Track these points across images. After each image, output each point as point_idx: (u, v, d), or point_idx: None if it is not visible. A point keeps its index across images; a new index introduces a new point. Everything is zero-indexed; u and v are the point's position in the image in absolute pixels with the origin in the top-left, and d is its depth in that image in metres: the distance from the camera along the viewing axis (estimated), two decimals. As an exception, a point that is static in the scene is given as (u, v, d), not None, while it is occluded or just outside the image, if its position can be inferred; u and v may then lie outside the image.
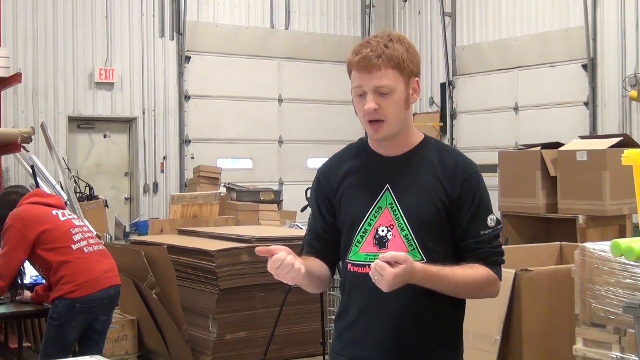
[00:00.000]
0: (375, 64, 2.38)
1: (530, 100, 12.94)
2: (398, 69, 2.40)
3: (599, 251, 4.03)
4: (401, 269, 2.20)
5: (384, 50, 2.39)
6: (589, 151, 7.88)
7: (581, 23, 12.08)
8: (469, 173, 2.46)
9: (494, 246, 2.46)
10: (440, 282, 2.33)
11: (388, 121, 2.42)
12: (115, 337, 6.68)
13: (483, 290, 2.44)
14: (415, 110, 15.06)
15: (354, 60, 2.41)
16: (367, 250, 2.47)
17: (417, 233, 2.43)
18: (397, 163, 2.49)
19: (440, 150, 2.51)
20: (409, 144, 2.51)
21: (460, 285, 2.37)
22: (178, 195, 8.50)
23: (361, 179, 2.52)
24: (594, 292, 4.04)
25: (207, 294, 6.42)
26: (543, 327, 4.35)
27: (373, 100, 2.40)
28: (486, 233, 2.45)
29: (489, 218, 2.46)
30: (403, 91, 2.43)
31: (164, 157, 13.38)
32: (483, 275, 2.41)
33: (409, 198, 2.44)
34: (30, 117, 12.09)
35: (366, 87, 2.40)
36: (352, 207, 2.51)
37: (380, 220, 2.46)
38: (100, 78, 12.69)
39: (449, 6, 14.40)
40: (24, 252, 4.81)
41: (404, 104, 2.45)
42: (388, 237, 2.45)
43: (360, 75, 2.40)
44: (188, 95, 13.56)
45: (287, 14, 14.68)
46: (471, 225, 2.44)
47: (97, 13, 12.76)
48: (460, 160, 2.47)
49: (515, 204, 8.61)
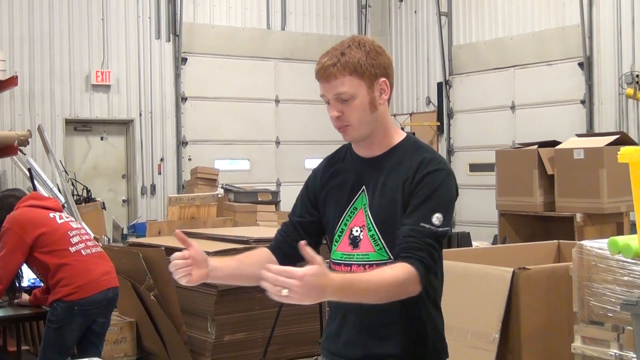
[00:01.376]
0: (332, 73, 2.44)
1: (527, 98, 12.95)
2: (356, 74, 2.43)
3: (597, 249, 4.04)
4: (312, 268, 2.10)
5: (339, 58, 2.43)
6: (586, 149, 7.90)
7: (577, 21, 12.09)
8: (432, 169, 2.44)
9: (428, 243, 2.36)
10: (359, 285, 2.25)
11: (352, 126, 2.47)
12: (114, 340, 6.68)
13: (404, 289, 2.33)
14: (412, 110, 15.08)
15: (316, 69, 2.49)
16: (343, 249, 2.55)
17: (383, 233, 2.47)
18: (374, 164, 2.54)
19: (416, 150, 2.51)
20: (387, 145, 2.54)
21: (382, 287, 2.28)
22: (176, 197, 8.50)
23: (343, 181, 2.59)
24: (592, 290, 4.04)
25: (205, 296, 6.42)
26: (541, 325, 4.36)
27: (335, 108, 2.47)
28: (425, 227, 2.37)
29: (436, 216, 2.39)
30: (365, 95, 2.45)
31: (162, 159, 13.37)
32: (403, 273, 2.31)
33: (378, 199, 2.49)
34: (27, 120, 12.07)
35: (327, 95, 2.48)
36: (332, 207, 2.59)
37: (354, 220, 2.53)
38: (97, 80, 12.68)
39: (445, 6, 14.41)
40: (21, 255, 4.81)
41: (369, 106, 2.46)
42: (360, 237, 2.51)
43: (321, 84, 2.48)
44: (185, 97, 13.56)
45: (283, 15, 14.68)
46: (414, 214, 2.40)
47: (93, 15, 12.74)
48: (429, 157, 2.47)
49: (512, 203, 8.63)
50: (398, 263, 2.34)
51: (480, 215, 13.03)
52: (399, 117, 15.08)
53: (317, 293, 2.12)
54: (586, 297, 4.06)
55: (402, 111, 15.22)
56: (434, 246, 2.38)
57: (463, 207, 14.07)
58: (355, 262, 2.52)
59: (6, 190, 5.52)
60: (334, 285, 2.17)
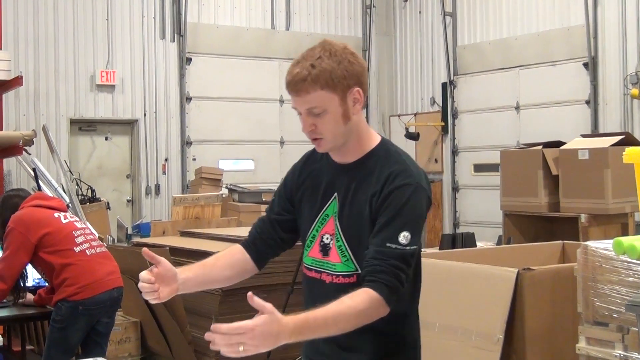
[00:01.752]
0: (302, 88, 2.33)
1: (531, 99, 12.93)
2: (328, 88, 2.34)
3: (602, 250, 4.03)
4: (261, 318, 2.13)
5: (310, 71, 2.32)
6: (590, 150, 7.89)
7: (582, 22, 12.07)
8: (399, 184, 2.36)
9: (393, 265, 2.30)
10: (315, 323, 2.21)
11: (326, 138, 2.41)
12: (118, 339, 6.69)
13: (368, 316, 2.27)
14: (416, 110, 15.08)
15: (286, 80, 2.38)
16: (314, 255, 2.54)
17: (350, 245, 2.44)
18: (347, 172, 2.49)
19: (386, 159, 2.45)
20: (360, 152, 2.48)
21: (341, 319, 2.23)
22: (180, 197, 8.50)
23: (317, 184, 2.55)
24: (596, 291, 4.04)
25: (209, 296, 6.42)
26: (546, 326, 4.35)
27: (307, 122, 2.39)
28: (391, 247, 2.31)
29: (403, 234, 2.31)
30: (338, 107, 2.37)
31: (166, 159, 13.38)
32: (364, 302, 2.25)
33: (347, 210, 2.45)
34: (31, 120, 12.08)
35: (299, 109, 2.39)
36: (306, 211, 2.57)
37: (325, 228, 2.50)
38: (102, 80, 12.69)
39: (449, 6, 14.39)
40: (26, 255, 4.82)
41: (342, 119, 2.39)
42: (330, 246, 2.48)
43: (291, 97, 2.38)
44: (189, 97, 13.56)
45: (288, 15, 14.68)
46: (380, 233, 2.34)
47: (98, 16, 12.76)
48: (397, 171, 2.39)
49: (517, 203, 8.62)
50: (360, 290, 2.28)
51: (485, 215, 13.02)
52: (403, 117, 15.09)
53: (271, 341, 2.13)
54: (591, 297, 4.06)
55: (407, 111, 15.22)
56: (399, 267, 2.31)
57: (467, 207, 14.07)
58: (324, 270, 2.51)
59: (11, 190, 5.54)
60: (288, 329, 2.16)
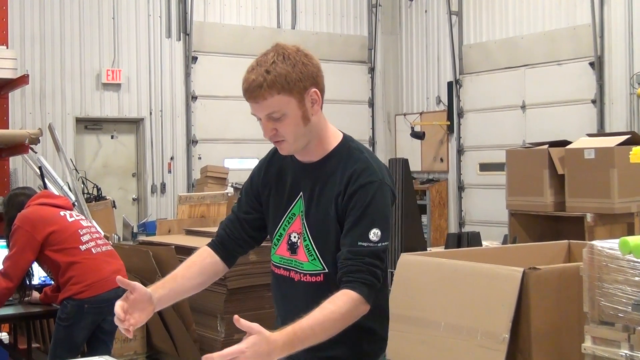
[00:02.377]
0: (259, 94, 2.37)
1: (537, 98, 12.91)
2: (285, 92, 2.37)
3: (608, 249, 4.02)
4: (250, 339, 2.18)
5: (265, 77, 2.37)
6: (596, 149, 7.87)
7: (588, 21, 12.05)
8: (363, 182, 2.41)
9: (368, 263, 2.35)
10: (303, 333, 2.23)
11: (287, 141, 2.44)
12: (123, 338, 6.69)
13: (353, 318, 2.33)
14: (422, 109, 15.06)
15: (243, 87, 2.42)
16: (281, 253, 2.58)
17: (317, 244, 2.47)
18: (311, 171, 2.52)
19: (349, 157, 2.49)
20: (322, 152, 2.52)
21: (327, 326, 2.27)
22: (186, 195, 8.52)
23: (283, 183, 2.59)
24: (602, 290, 4.03)
25: (215, 294, 6.43)
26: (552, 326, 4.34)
27: (267, 127, 2.42)
28: (364, 245, 2.35)
29: (373, 232, 2.36)
30: (297, 109, 2.40)
31: (172, 158, 13.39)
32: (346, 304, 2.30)
33: (313, 210, 2.49)
34: (37, 118, 12.10)
35: (258, 115, 2.42)
36: (272, 210, 2.61)
37: (293, 226, 2.54)
38: (107, 79, 12.71)
39: (455, 5, 14.38)
40: (32, 253, 4.82)
41: (302, 121, 2.43)
42: (297, 244, 2.52)
43: (250, 104, 2.42)
44: (195, 96, 13.57)
45: (294, 14, 14.68)
46: (351, 233, 2.38)
47: (104, 14, 12.77)
48: (359, 169, 2.43)
49: (523, 203, 8.61)
50: (339, 292, 2.32)
51: (490, 214, 13.01)
52: (409, 116, 15.07)
53: (263, 357, 2.15)
54: (597, 297, 4.05)
55: (412, 110, 15.21)
56: (374, 264, 2.36)
57: (473, 206, 14.06)
58: (293, 268, 2.55)
59: (17, 189, 5.54)
60: (278, 345, 2.18)
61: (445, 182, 14.50)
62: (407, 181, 8.82)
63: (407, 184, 8.90)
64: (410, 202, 8.71)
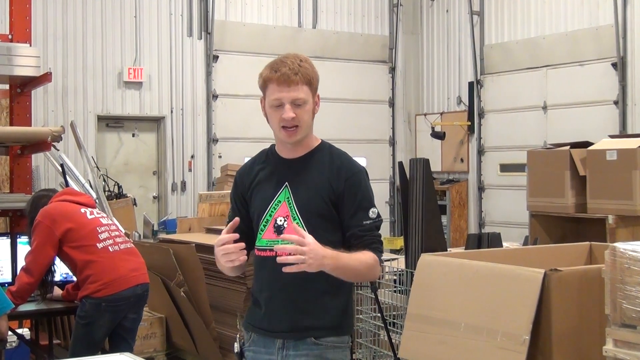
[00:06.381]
0: (294, 80, 2.93)
1: (559, 99, 12.85)
2: (309, 85, 2.97)
3: (630, 251, 3.99)
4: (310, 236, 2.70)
5: (299, 69, 2.94)
6: (618, 150, 7.82)
7: (611, 21, 11.97)
8: (352, 172, 3.01)
9: (376, 235, 3.00)
10: (348, 257, 2.84)
11: (301, 127, 2.97)
12: (143, 335, 6.73)
13: (372, 271, 2.97)
14: (442, 109, 15.03)
15: (274, 76, 2.95)
16: (268, 237, 3.00)
17: (307, 222, 2.94)
18: (295, 164, 3.04)
19: (332, 153, 3.07)
20: (307, 148, 3.06)
21: (363, 263, 2.89)
22: (206, 194, 8.54)
23: (267, 179, 3.06)
24: (624, 293, 4.00)
25: (235, 292, 6.44)
26: (573, 328, 4.32)
27: (292, 110, 2.93)
28: (368, 223, 2.98)
29: (371, 211, 3.00)
30: (311, 102, 3.00)
31: (192, 156, 13.44)
32: (371, 259, 2.93)
33: (302, 193, 2.98)
34: (60, 116, 12.18)
35: (285, 99, 2.93)
36: (258, 201, 3.05)
37: (278, 212, 2.99)
38: (129, 77, 12.77)
39: (477, 5, 14.33)
40: (52, 248, 4.85)
41: (312, 113, 3.02)
42: (284, 225, 2.96)
43: (279, 89, 2.94)
44: (216, 95, 13.61)
45: (315, 13, 14.69)
46: (356, 216, 2.97)
47: (126, 13, 12.84)
48: (346, 162, 3.04)
49: (544, 204, 8.56)
50: (365, 251, 2.92)
51: (511, 215, 12.96)
52: (429, 116, 15.04)
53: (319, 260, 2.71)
54: (619, 299, 4.02)
55: (433, 110, 15.17)
56: (378, 235, 3.02)
57: (494, 207, 14.00)
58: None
59: (40, 191, 5.59)
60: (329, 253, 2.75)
61: (466, 182, 14.46)
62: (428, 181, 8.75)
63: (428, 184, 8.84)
64: (431, 203, 8.65)
